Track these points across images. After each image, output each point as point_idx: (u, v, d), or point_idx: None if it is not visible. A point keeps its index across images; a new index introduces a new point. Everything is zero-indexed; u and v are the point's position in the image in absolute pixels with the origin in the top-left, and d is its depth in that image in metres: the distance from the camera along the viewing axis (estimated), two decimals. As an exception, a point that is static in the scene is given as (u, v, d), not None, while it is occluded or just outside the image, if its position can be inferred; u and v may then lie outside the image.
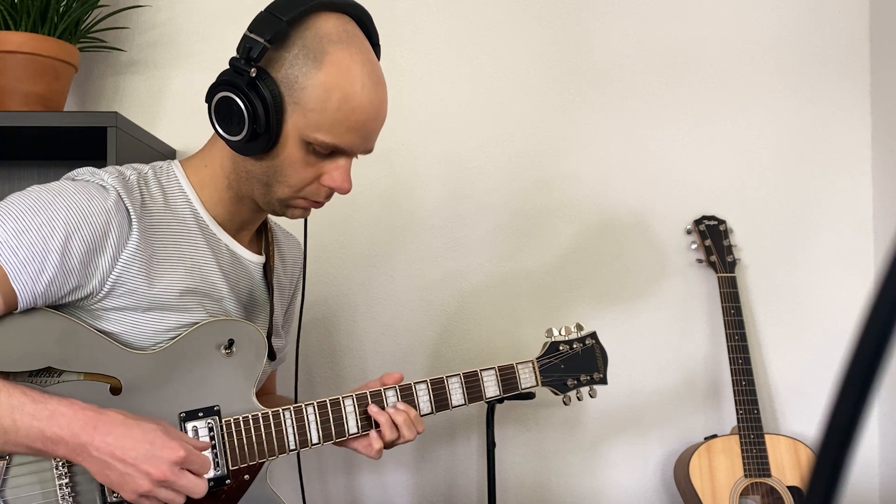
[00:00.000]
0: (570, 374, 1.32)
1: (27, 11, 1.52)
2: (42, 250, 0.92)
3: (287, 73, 0.96)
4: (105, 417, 0.91)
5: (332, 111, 0.97)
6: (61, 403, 0.90)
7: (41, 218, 0.93)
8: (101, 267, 0.96)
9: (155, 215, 1.02)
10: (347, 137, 0.99)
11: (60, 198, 0.95)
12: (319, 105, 0.96)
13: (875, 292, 0.30)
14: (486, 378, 1.23)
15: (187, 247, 1.04)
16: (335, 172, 1.02)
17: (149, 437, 0.91)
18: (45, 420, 0.88)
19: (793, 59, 1.93)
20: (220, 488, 1.03)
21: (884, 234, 1.88)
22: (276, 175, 1.01)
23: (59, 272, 0.93)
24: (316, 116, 0.97)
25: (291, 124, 0.97)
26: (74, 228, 0.93)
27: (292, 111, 0.97)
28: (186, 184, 1.07)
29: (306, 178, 1.02)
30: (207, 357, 1.04)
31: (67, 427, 0.89)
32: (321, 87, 0.96)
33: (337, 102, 0.96)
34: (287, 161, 1.00)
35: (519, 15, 1.91)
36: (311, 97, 0.96)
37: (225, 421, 1.04)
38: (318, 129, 0.97)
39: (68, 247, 0.93)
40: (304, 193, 1.04)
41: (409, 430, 1.13)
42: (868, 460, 1.88)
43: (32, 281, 0.92)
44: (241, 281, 1.12)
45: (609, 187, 1.90)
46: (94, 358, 0.97)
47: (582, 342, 1.34)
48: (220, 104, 0.98)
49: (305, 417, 1.09)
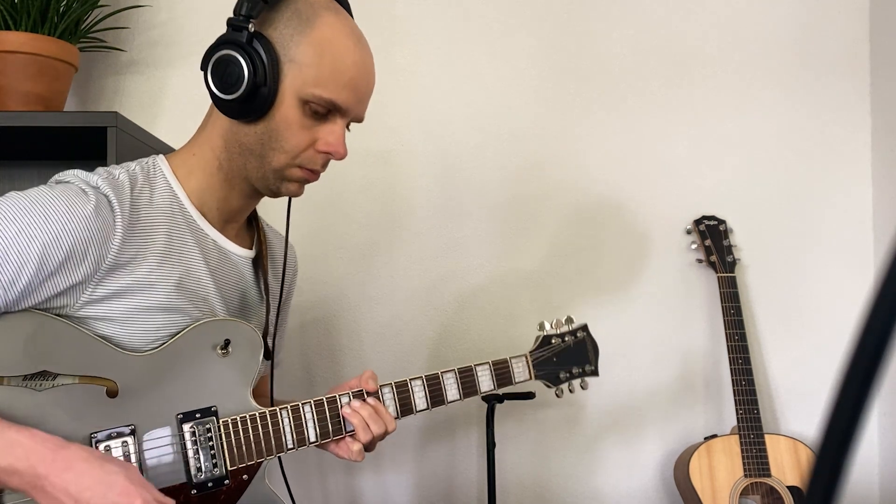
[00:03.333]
0: (562, 367, 1.32)
1: (27, 11, 1.52)
2: (17, 260, 0.90)
3: (282, 33, 0.99)
4: (66, 452, 0.87)
5: (328, 66, 0.99)
6: (20, 433, 0.87)
7: (17, 226, 0.91)
8: (80, 273, 0.94)
9: (142, 213, 1.00)
10: (343, 94, 1.01)
11: (38, 205, 0.92)
12: (315, 60, 0.98)
13: (875, 292, 0.30)
14: (481, 373, 1.24)
15: (175, 244, 1.03)
16: (330, 137, 1.02)
17: (109, 479, 0.87)
18: (2, 450, 0.85)
19: (793, 59, 1.93)
20: (218, 489, 1.03)
21: (884, 234, 1.88)
22: (271, 141, 1.01)
23: (35, 280, 0.91)
24: (312, 72, 0.98)
25: (288, 84, 0.99)
26: (54, 237, 0.91)
27: (288, 69, 0.98)
28: (172, 177, 1.05)
29: (302, 143, 1.02)
30: (203, 357, 1.04)
31: (25, 458, 0.85)
32: (315, 43, 0.99)
33: (331, 58, 0.99)
34: (283, 123, 1.00)
35: (519, 15, 1.91)
36: (307, 53, 0.98)
37: (223, 421, 1.04)
38: (315, 84, 0.99)
39: (46, 255, 0.91)
40: (299, 160, 1.03)
41: (377, 424, 1.11)
42: (868, 460, 1.88)
43: (4, 289, 0.90)
44: (228, 278, 1.11)
45: (609, 187, 1.90)
46: (90, 361, 0.96)
47: (573, 335, 1.35)
48: (218, 64, 0.99)
49: (303, 416, 1.09)
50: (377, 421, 1.11)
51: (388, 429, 1.13)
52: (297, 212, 1.33)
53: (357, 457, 1.12)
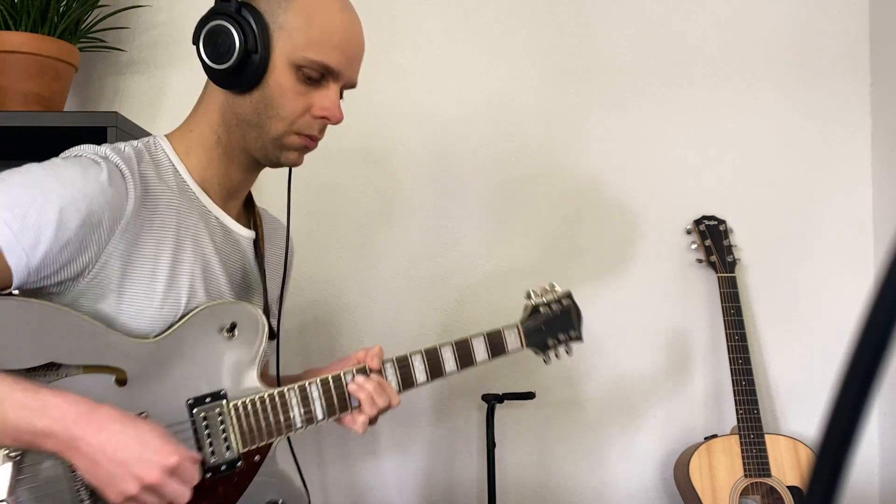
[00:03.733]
0: (549, 335, 1.35)
1: (27, 11, 1.52)
2: (36, 223, 0.90)
3: (269, 1, 1.00)
4: (99, 412, 0.88)
5: (318, 29, 1.01)
6: (55, 395, 0.87)
7: (34, 191, 0.91)
8: (95, 240, 0.94)
9: (151, 187, 1.01)
10: (335, 56, 1.02)
11: (53, 172, 0.94)
12: (304, 24, 1.00)
13: (875, 292, 0.30)
14: (476, 344, 1.26)
15: (183, 219, 1.03)
16: (325, 101, 1.04)
17: (143, 438, 0.89)
18: (36, 411, 0.85)
19: (793, 59, 1.93)
20: (231, 471, 1.03)
21: (884, 234, 1.89)
22: (267, 109, 1.02)
23: (55, 245, 0.91)
24: (302, 36, 1.00)
25: (279, 50, 1.00)
26: (69, 201, 0.92)
27: (278, 37, 1.00)
28: (173, 154, 1.06)
29: (297, 109, 1.03)
30: (210, 341, 1.04)
31: (60, 420, 0.85)
32: (302, 8, 1.00)
33: (320, 21, 1.01)
34: (277, 90, 1.01)
35: (519, 15, 1.91)
36: (295, 18, 1.00)
37: (233, 404, 1.04)
38: (306, 48, 1.00)
39: (63, 219, 0.91)
40: (297, 127, 1.04)
41: (381, 397, 1.13)
42: (868, 460, 1.88)
43: (27, 255, 0.89)
44: (232, 256, 1.12)
45: (609, 187, 1.90)
46: (97, 349, 0.95)
47: (559, 303, 1.37)
48: (209, 35, 1.02)
49: (310, 395, 1.11)
50: (382, 395, 1.14)
51: (391, 403, 1.15)
52: (297, 212, 1.33)
53: (360, 428, 1.14)
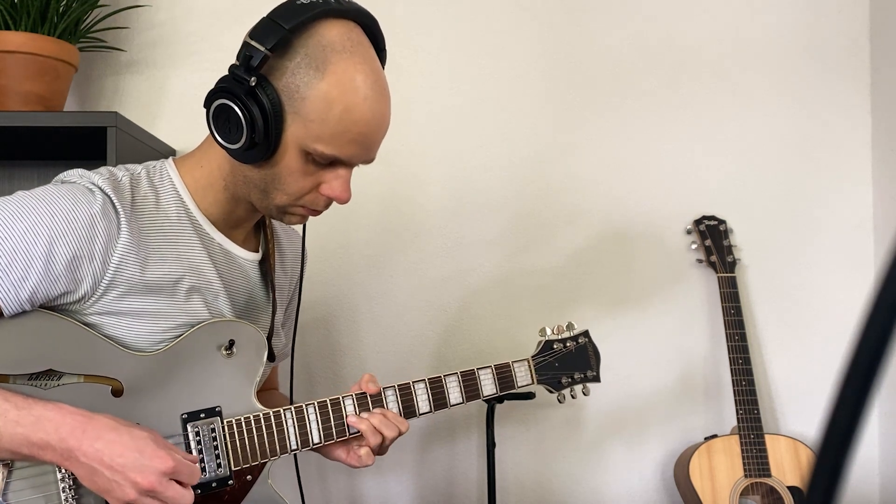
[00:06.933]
0: (564, 372, 1.33)
1: (27, 11, 1.52)
2: (25, 257, 0.90)
3: (288, 83, 0.94)
4: (94, 422, 0.90)
5: (334, 123, 0.95)
6: (47, 408, 0.89)
7: (24, 224, 0.91)
8: (90, 272, 0.94)
9: (146, 216, 1.01)
10: (348, 149, 0.98)
11: (44, 203, 0.93)
12: (320, 116, 0.94)
13: (875, 292, 0.30)
14: (483, 376, 1.24)
15: (181, 246, 1.04)
16: (334, 182, 1.01)
17: (138, 444, 0.90)
18: (30, 426, 0.88)
19: (793, 58, 1.93)
20: (222, 489, 1.03)
21: (884, 234, 1.88)
22: (273, 183, 1.00)
23: (44, 279, 0.91)
24: (316, 128, 0.95)
25: (291, 134, 0.96)
26: (59, 234, 0.92)
27: (292, 121, 0.95)
28: (180, 183, 1.06)
29: (305, 187, 1.01)
30: (208, 358, 1.04)
31: (55, 432, 0.88)
32: (323, 98, 0.94)
33: (338, 114, 0.95)
34: (286, 170, 0.99)
35: (519, 15, 1.91)
36: (313, 108, 0.94)
37: (227, 422, 1.04)
38: (318, 140, 0.96)
39: (52, 253, 0.91)
40: (302, 202, 1.03)
41: (389, 429, 1.12)
42: (868, 460, 1.88)
43: (15, 288, 0.90)
44: (236, 281, 1.12)
45: (609, 187, 1.90)
46: (95, 360, 0.97)
47: (575, 340, 1.36)
48: (218, 111, 0.97)
49: (306, 417, 1.10)
50: (389, 426, 1.12)
51: (401, 430, 1.13)
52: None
53: (367, 460, 1.13)
